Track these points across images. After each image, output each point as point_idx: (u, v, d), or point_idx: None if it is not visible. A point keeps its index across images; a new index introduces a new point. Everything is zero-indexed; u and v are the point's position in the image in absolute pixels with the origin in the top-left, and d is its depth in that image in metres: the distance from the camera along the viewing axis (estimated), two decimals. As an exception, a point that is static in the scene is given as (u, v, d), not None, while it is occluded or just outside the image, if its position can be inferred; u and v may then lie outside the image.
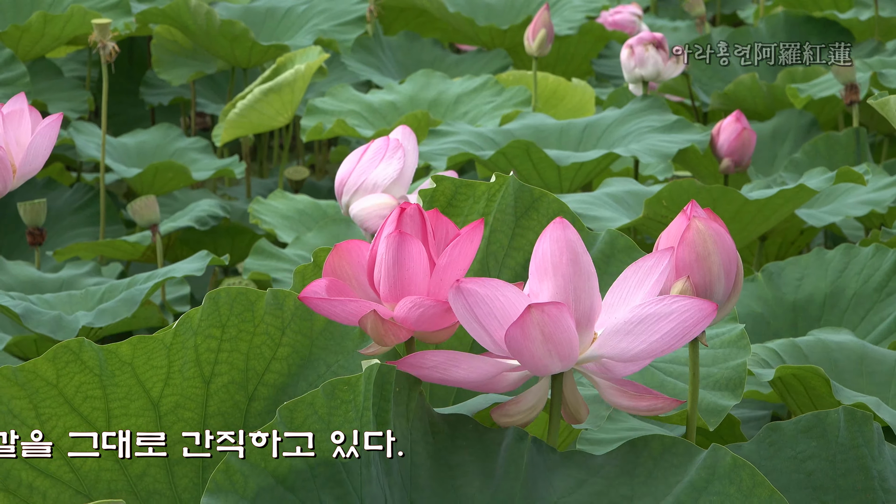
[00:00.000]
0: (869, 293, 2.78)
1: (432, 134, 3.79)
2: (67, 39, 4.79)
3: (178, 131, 4.85)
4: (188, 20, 4.99)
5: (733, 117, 3.71)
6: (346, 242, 1.63)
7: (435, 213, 1.61)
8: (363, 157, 2.11)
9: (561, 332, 1.47)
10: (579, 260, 1.50)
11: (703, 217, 1.60)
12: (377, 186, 2.09)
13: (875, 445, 1.69)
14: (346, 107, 4.43)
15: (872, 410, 2.02)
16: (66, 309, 3.10)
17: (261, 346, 1.70)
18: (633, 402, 1.56)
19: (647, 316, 1.48)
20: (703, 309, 1.48)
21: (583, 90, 4.71)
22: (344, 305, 1.57)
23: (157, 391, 1.67)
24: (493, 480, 1.55)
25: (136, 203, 3.61)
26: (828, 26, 5.31)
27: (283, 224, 3.87)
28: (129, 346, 1.66)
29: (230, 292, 1.68)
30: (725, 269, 1.59)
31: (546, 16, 4.06)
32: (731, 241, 1.61)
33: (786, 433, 1.69)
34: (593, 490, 1.53)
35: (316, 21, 5.30)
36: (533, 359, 1.49)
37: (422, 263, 1.56)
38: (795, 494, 1.67)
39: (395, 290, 1.56)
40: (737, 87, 4.70)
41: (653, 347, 1.49)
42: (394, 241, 1.56)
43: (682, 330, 1.48)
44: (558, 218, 1.50)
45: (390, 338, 1.58)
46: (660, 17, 6.76)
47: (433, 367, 1.55)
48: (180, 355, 1.68)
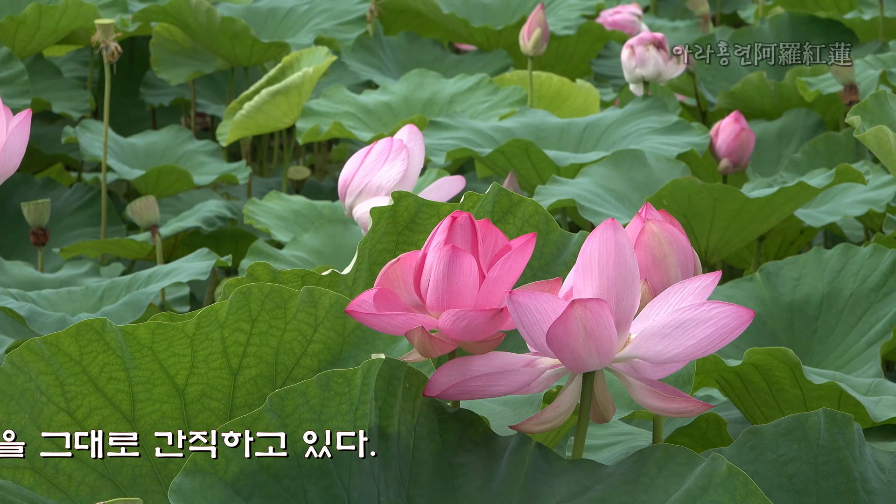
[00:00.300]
0: (866, 293, 2.78)
1: (433, 126, 3.80)
2: (64, 34, 4.79)
3: (187, 133, 4.86)
4: (189, 18, 5.00)
5: (732, 118, 3.71)
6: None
7: (486, 223, 1.62)
8: (367, 159, 2.11)
9: (602, 328, 1.49)
10: (626, 262, 1.52)
11: (658, 219, 1.63)
12: (381, 189, 2.09)
13: (856, 447, 1.70)
14: (342, 108, 4.43)
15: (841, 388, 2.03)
16: (66, 306, 3.11)
17: (291, 342, 1.71)
18: (664, 403, 1.57)
19: (685, 321, 1.50)
20: (741, 316, 1.51)
21: (587, 91, 4.71)
22: (392, 319, 1.57)
23: (181, 378, 1.68)
24: (494, 482, 1.56)
25: (135, 204, 3.63)
26: (831, 26, 5.30)
27: (278, 225, 3.88)
28: (147, 330, 1.66)
29: (262, 288, 1.69)
30: (683, 270, 1.62)
31: (541, 15, 4.07)
32: (688, 241, 1.63)
33: (766, 436, 1.69)
34: (594, 496, 1.55)
35: (317, 21, 5.31)
36: (574, 354, 1.51)
37: (472, 277, 1.56)
38: (778, 498, 1.67)
39: (444, 300, 1.57)
40: (744, 87, 4.69)
41: (688, 352, 1.52)
42: (446, 255, 1.56)
43: (719, 336, 1.51)
44: (609, 219, 1.51)
45: (436, 351, 1.59)
46: (659, 16, 6.75)
47: (473, 392, 1.57)
48: (205, 346, 1.68)
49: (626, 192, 3.41)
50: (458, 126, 3.81)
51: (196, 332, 1.68)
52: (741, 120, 3.70)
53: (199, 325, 1.68)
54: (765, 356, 2.10)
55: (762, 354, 2.09)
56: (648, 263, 1.61)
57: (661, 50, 3.92)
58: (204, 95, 5.77)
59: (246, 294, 1.69)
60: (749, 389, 2.18)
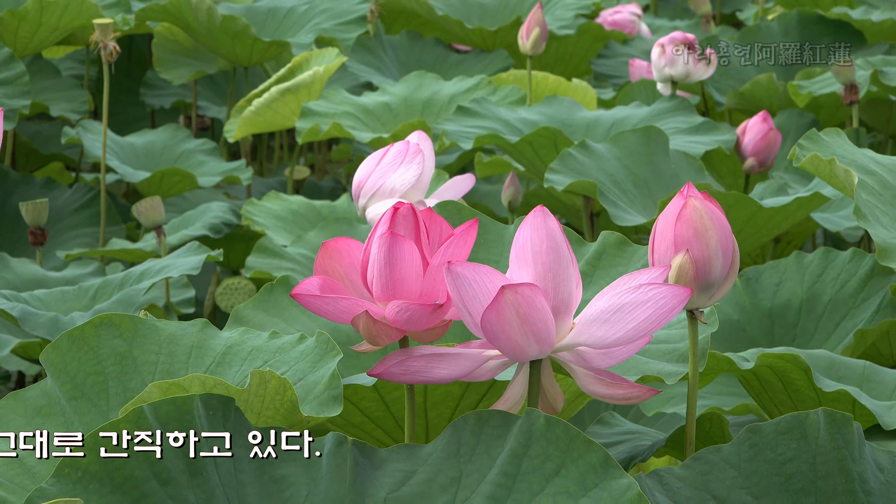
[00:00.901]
0: (844, 299, 2.77)
1: (460, 111, 3.81)
2: (65, 31, 4.78)
3: (185, 132, 4.86)
4: (189, 17, 5.00)
5: (759, 118, 3.71)
6: (335, 240, 1.64)
7: (429, 213, 1.62)
8: (382, 161, 2.11)
9: (536, 312, 1.49)
10: (559, 248, 1.53)
11: (699, 196, 1.66)
12: (395, 191, 2.09)
13: (855, 447, 1.69)
14: (341, 108, 4.43)
15: (855, 398, 2.03)
16: (59, 307, 3.10)
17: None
18: (609, 390, 1.59)
19: (624, 304, 1.52)
20: (678, 295, 1.53)
21: (584, 90, 4.71)
22: (336, 303, 1.57)
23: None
24: (320, 487, 1.56)
25: (141, 204, 3.62)
26: (839, 27, 5.28)
27: (276, 225, 3.87)
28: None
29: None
30: (722, 246, 1.65)
31: (539, 14, 4.07)
32: (727, 221, 1.67)
33: (766, 435, 1.69)
34: (421, 479, 1.55)
35: (317, 20, 5.31)
36: (510, 341, 1.51)
37: (414, 264, 1.57)
38: (776, 497, 1.66)
39: (388, 290, 1.57)
40: (753, 87, 4.68)
41: (629, 335, 1.53)
42: (386, 241, 1.56)
43: (658, 316, 1.53)
44: (539, 206, 1.53)
45: (382, 338, 1.59)
46: (659, 16, 6.75)
47: (415, 372, 1.57)
48: None
49: (647, 178, 3.40)
50: (485, 114, 3.81)
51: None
52: (769, 120, 3.71)
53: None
54: (777, 360, 2.10)
55: (774, 358, 2.09)
56: (690, 236, 1.64)
57: (692, 50, 3.94)
58: (205, 97, 5.77)
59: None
60: (766, 389, 2.18)
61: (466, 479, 1.53)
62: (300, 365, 1.78)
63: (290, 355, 1.80)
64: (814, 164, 2.42)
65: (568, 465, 1.50)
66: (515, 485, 1.50)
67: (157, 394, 1.65)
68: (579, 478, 1.49)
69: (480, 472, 1.53)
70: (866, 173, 2.42)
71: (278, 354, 1.82)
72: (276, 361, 1.80)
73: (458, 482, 1.53)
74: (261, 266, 3.49)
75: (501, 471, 1.51)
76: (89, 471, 1.50)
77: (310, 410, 1.70)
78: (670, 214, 1.65)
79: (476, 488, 1.52)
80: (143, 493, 1.50)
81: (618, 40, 5.56)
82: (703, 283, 1.66)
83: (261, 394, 1.67)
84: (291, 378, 1.76)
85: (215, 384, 1.65)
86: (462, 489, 1.53)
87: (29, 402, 1.86)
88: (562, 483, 1.49)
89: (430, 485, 1.54)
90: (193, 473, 1.53)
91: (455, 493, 1.53)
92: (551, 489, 1.49)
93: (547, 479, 1.50)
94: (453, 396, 1.86)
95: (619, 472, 1.48)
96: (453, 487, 1.53)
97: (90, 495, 1.48)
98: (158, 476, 1.52)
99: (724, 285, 1.67)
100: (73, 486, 1.49)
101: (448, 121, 3.77)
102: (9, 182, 4.52)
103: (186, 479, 1.52)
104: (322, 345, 1.78)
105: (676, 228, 1.64)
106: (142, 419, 1.53)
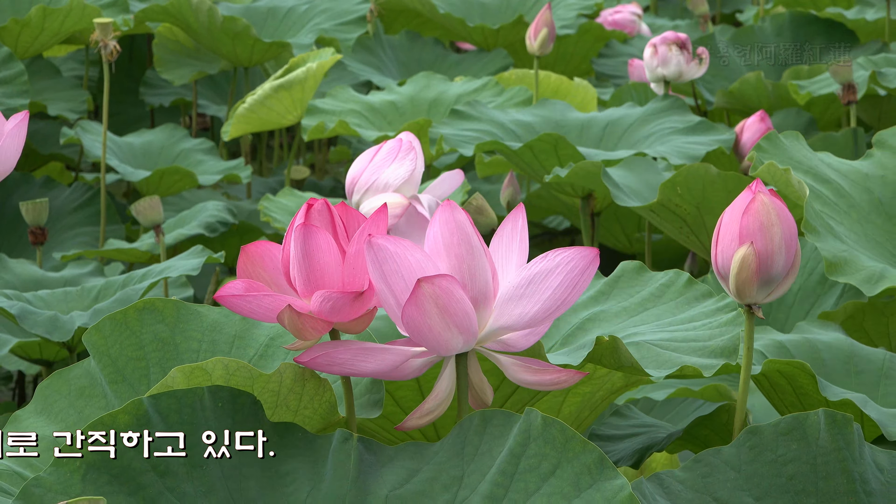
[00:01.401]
0: (812, 287, 2.79)
1: (454, 115, 3.79)
2: (66, 35, 4.79)
3: (183, 132, 4.86)
4: (190, 18, 5.00)
5: (757, 117, 3.70)
6: (253, 244, 1.64)
7: (343, 206, 1.63)
8: (376, 157, 2.11)
9: (455, 302, 1.50)
10: (470, 240, 1.53)
11: (768, 193, 1.67)
12: (389, 186, 2.10)
13: (856, 448, 1.69)
14: (347, 106, 4.44)
15: (860, 407, 2.03)
16: (61, 307, 3.10)
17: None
18: (536, 376, 1.59)
19: (534, 275, 1.53)
20: (586, 256, 1.53)
21: (585, 89, 4.71)
22: (259, 301, 1.58)
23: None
24: (324, 483, 1.56)
25: (139, 204, 3.61)
26: (833, 27, 5.28)
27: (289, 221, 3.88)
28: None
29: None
30: (786, 241, 1.66)
31: (548, 14, 4.06)
32: (793, 220, 1.67)
33: (766, 436, 1.68)
34: (425, 477, 1.56)
35: (317, 20, 5.31)
36: (432, 334, 1.52)
37: (331, 254, 1.57)
38: (777, 499, 1.66)
39: (309, 283, 1.58)
40: (742, 86, 4.68)
41: (547, 305, 1.53)
42: (301, 233, 1.57)
43: (571, 281, 1.53)
44: (447, 201, 1.54)
45: (309, 332, 1.60)
46: (660, 16, 6.76)
47: (342, 364, 1.58)
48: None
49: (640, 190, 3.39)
50: (479, 117, 3.81)
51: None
52: (767, 119, 3.70)
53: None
54: (784, 365, 2.10)
55: (782, 364, 2.09)
56: (755, 229, 1.65)
57: (684, 50, 3.93)
58: (205, 96, 5.77)
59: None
60: (776, 390, 2.18)
61: (468, 479, 1.54)
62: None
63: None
64: (770, 172, 2.41)
65: (563, 465, 1.50)
66: (512, 484, 1.51)
67: (181, 378, 1.65)
68: (574, 479, 1.49)
69: (481, 471, 1.53)
70: (822, 182, 2.43)
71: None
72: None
73: (460, 481, 1.54)
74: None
75: (500, 470, 1.52)
76: (87, 461, 1.50)
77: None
78: (737, 207, 1.67)
79: (476, 487, 1.53)
80: (140, 485, 1.51)
81: (618, 40, 5.56)
82: (764, 276, 1.67)
83: (297, 391, 1.66)
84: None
85: (238, 367, 1.65)
86: (463, 488, 1.53)
87: (73, 383, 1.86)
88: (557, 483, 1.50)
89: (432, 483, 1.54)
90: (193, 466, 1.53)
91: (456, 493, 1.53)
92: (546, 489, 1.49)
93: (543, 479, 1.50)
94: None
95: (612, 472, 1.49)
96: (455, 486, 1.54)
97: (87, 485, 1.48)
98: (156, 468, 1.52)
99: (785, 282, 1.68)
100: (71, 476, 1.49)
101: (442, 124, 3.76)
102: (9, 181, 4.52)
103: (185, 471, 1.52)
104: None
105: (743, 221, 1.65)
106: (140, 411, 1.53)
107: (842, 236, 2.27)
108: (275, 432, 1.59)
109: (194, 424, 1.55)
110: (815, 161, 2.51)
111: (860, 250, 2.28)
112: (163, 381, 1.65)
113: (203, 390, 1.56)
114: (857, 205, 2.39)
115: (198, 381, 1.64)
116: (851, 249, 2.23)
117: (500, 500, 1.50)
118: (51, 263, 4.01)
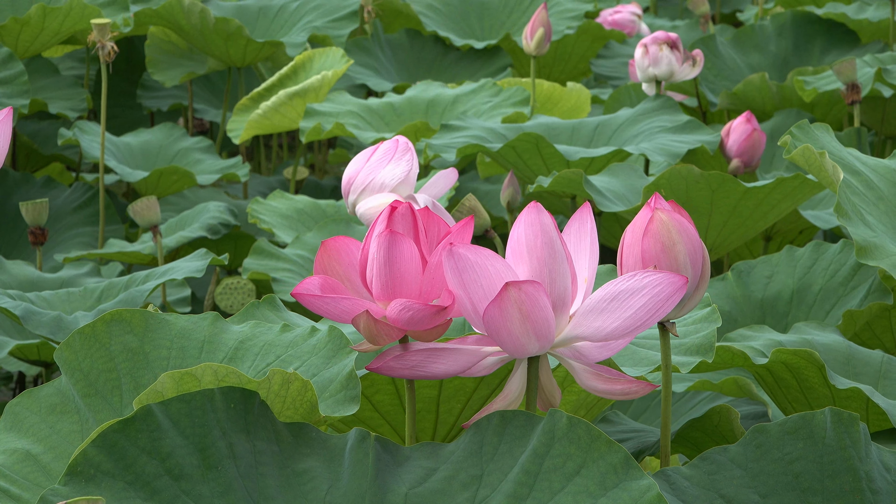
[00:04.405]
0: (835, 287, 2.80)
1: (444, 129, 3.81)
2: (66, 35, 4.78)
3: (181, 131, 4.85)
4: (182, 20, 5.00)
5: (743, 118, 3.70)
6: (334, 239, 1.64)
7: (426, 211, 1.62)
8: (372, 157, 2.12)
9: (538, 310, 1.50)
10: (553, 243, 1.53)
11: (667, 209, 1.63)
12: (385, 186, 2.10)
13: (862, 446, 1.69)
14: (344, 108, 4.44)
15: (867, 396, 2.03)
16: (64, 307, 3.10)
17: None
18: (608, 385, 1.59)
19: (620, 292, 1.52)
20: (675, 282, 1.52)
21: (577, 93, 4.71)
22: (337, 303, 1.57)
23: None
24: (342, 482, 1.57)
25: (136, 204, 3.61)
26: (834, 27, 5.28)
27: (282, 224, 3.88)
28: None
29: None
30: (691, 258, 1.62)
31: (544, 15, 4.07)
32: (696, 232, 1.63)
33: (772, 435, 1.69)
34: (443, 476, 1.56)
35: (309, 18, 5.31)
36: (511, 338, 1.51)
37: (413, 262, 1.57)
38: (783, 497, 1.66)
39: (387, 289, 1.57)
40: (746, 87, 4.69)
41: (626, 324, 1.52)
42: (385, 240, 1.56)
43: (655, 304, 1.52)
44: (533, 202, 1.53)
45: (383, 338, 1.59)
46: (659, 16, 6.76)
47: (414, 367, 1.57)
48: None
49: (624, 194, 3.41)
50: (469, 126, 3.82)
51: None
52: (753, 120, 3.70)
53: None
54: (791, 356, 2.10)
55: (789, 354, 2.09)
56: (658, 251, 1.61)
57: (675, 50, 3.92)
58: (201, 98, 5.76)
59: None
60: (780, 385, 2.18)
61: (488, 478, 1.54)
62: (313, 360, 1.78)
63: (301, 349, 1.80)
64: (804, 155, 2.41)
65: (589, 464, 1.50)
66: (536, 483, 1.51)
67: (170, 384, 1.65)
68: (599, 478, 1.49)
69: (502, 470, 1.54)
70: (852, 172, 2.44)
71: (290, 349, 1.82)
72: (288, 356, 1.80)
73: (479, 480, 1.54)
74: (258, 267, 3.50)
75: (523, 469, 1.52)
76: (101, 468, 1.50)
77: (326, 409, 1.70)
78: (638, 226, 1.62)
79: (497, 486, 1.53)
80: (155, 490, 1.51)
81: (617, 40, 5.56)
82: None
83: (283, 394, 1.67)
84: (305, 373, 1.76)
85: (227, 373, 1.65)
86: (483, 487, 1.53)
87: (43, 401, 1.86)
88: (582, 483, 1.50)
89: (451, 482, 1.55)
90: (208, 467, 1.53)
91: (476, 491, 1.53)
92: (572, 488, 1.49)
93: (568, 478, 1.50)
94: (465, 391, 1.86)
95: (639, 472, 1.49)
96: (474, 485, 1.54)
97: (102, 492, 1.49)
98: (171, 472, 1.52)
99: (695, 296, 1.64)
100: (86, 484, 1.49)
101: (435, 138, 3.78)
102: (9, 182, 4.52)
103: (201, 473, 1.52)
104: (334, 339, 1.78)
105: (644, 244, 1.61)
106: (151, 416, 1.53)
107: (871, 224, 2.28)
108: (288, 432, 1.60)
109: (207, 426, 1.55)
110: (844, 153, 2.51)
111: (888, 238, 2.29)
112: (152, 387, 1.65)
113: (214, 392, 1.56)
114: (886, 197, 2.39)
115: (188, 387, 1.65)
116: (881, 235, 2.24)
117: (524, 498, 1.50)
118: (51, 264, 4.00)
